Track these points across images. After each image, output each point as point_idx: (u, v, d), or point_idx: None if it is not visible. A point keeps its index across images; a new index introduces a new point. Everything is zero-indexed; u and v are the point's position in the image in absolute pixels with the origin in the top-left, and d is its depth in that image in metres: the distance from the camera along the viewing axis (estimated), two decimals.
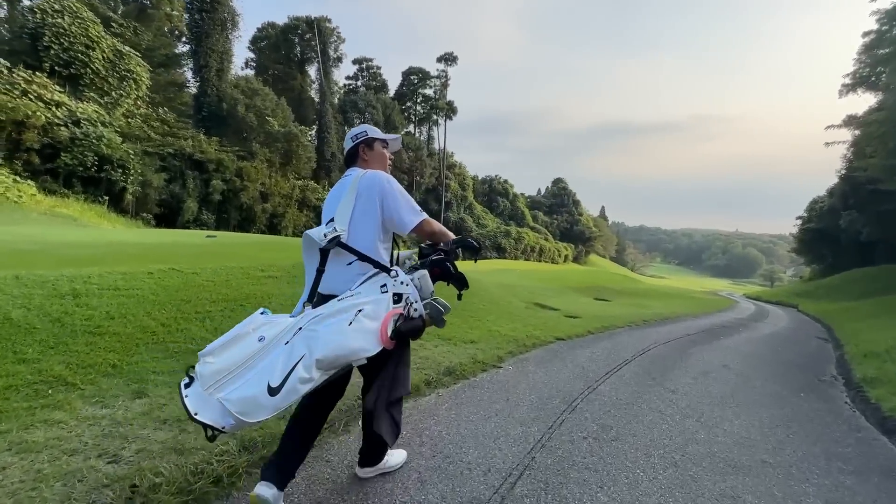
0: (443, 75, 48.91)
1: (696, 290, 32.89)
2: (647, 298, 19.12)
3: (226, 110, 22.61)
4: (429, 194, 49.56)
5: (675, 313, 11.01)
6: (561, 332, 6.30)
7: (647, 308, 13.77)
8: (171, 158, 19.37)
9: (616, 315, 9.20)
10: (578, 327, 6.84)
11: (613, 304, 14.80)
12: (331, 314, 1.57)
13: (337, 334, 1.51)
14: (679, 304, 15.33)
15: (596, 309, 10.77)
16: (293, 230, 23.77)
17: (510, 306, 8.13)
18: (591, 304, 12.95)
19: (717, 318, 11.11)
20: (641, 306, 14.08)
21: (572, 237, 74.64)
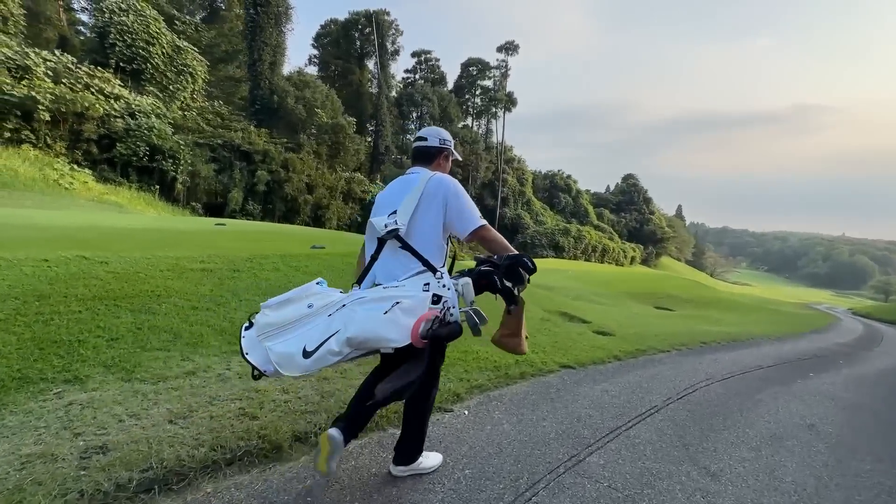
0: (503, 66, 47.06)
1: (785, 302, 28.37)
2: (719, 310, 16.36)
3: (276, 103, 22.98)
4: (485, 189, 48.06)
5: (750, 333, 8.78)
6: (574, 356, 4.79)
7: (714, 323, 11.46)
8: (221, 149, 19.89)
9: (666, 332, 7.35)
10: (602, 350, 5.26)
11: (673, 316, 12.57)
12: (372, 299, 1.66)
13: (371, 320, 1.59)
14: (758, 320, 12.70)
15: (644, 322, 8.90)
16: (337, 222, 23.65)
17: (533, 315, 6.67)
18: (643, 316, 10.95)
19: (807, 341, 8.69)
20: (708, 320, 11.77)
21: (642, 237, 69.18)
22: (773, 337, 8.80)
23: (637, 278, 24.08)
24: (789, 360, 6.49)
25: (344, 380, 3.10)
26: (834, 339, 9.72)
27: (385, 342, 1.59)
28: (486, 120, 50.52)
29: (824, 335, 10.48)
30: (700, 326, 9.91)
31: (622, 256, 52.78)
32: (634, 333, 6.75)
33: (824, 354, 7.40)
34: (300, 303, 1.68)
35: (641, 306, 16.82)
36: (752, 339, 8.00)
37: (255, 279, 4.76)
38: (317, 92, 23.79)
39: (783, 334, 9.46)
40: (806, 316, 16.08)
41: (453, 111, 42.52)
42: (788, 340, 8.58)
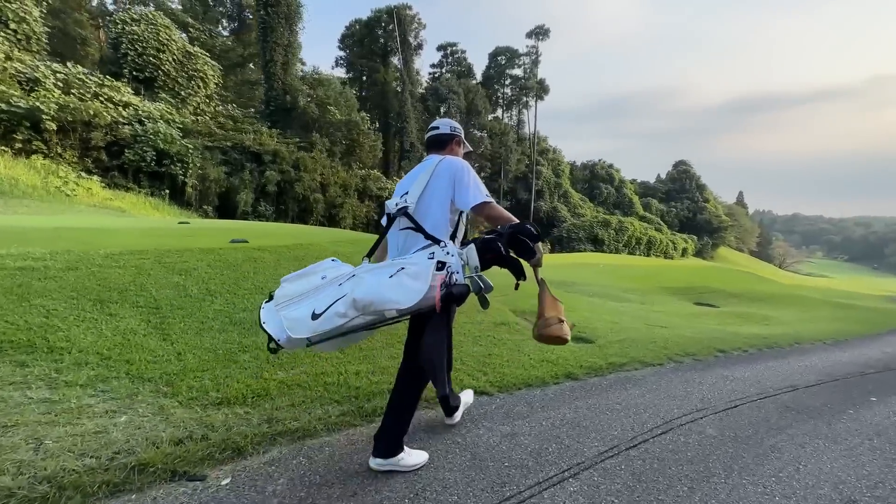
0: (533, 52, 44.86)
1: (864, 295, 24.40)
2: (772, 306, 13.89)
3: (290, 103, 22.76)
4: (518, 183, 46.14)
5: (798, 335, 6.81)
6: (500, 376, 3.44)
7: (758, 322, 9.40)
8: (232, 152, 19.81)
9: (676, 338, 5.70)
10: (553, 366, 3.83)
11: (709, 314, 10.54)
12: (379, 267, 1.79)
13: (376, 284, 1.69)
14: (818, 318, 10.40)
15: (659, 324, 7.20)
16: (353, 221, 23.04)
17: (487, 318, 5.31)
18: (669, 315, 9.13)
19: (880, 346, 6.56)
20: (751, 319, 9.71)
21: (695, 228, 64.03)
22: (832, 340, 6.79)
23: (678, 271, 21.52)
24: (844, 375, 4.67)
25: None
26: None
27: (391, 304, 1.65)
28: (518, 110, 48.51)
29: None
30: (733, 327, 8.01)
31: (671, 248, 48.76)
32: (624, 340, 5.19)
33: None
34: (314, 276, 1.86)
35: (682, 302, 14.69)
36: (798, 345, 6.11)
37: None
38: (330, 89, 23.35)
39: (847, 336, 7.36)
40: (887, 312, 13.25)
41: (481, 103, 40.98)
42: (852, 345, 6.56)
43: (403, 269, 1.70)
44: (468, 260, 1.80)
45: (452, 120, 2.21)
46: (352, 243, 7.60)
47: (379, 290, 1.65)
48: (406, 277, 1.68)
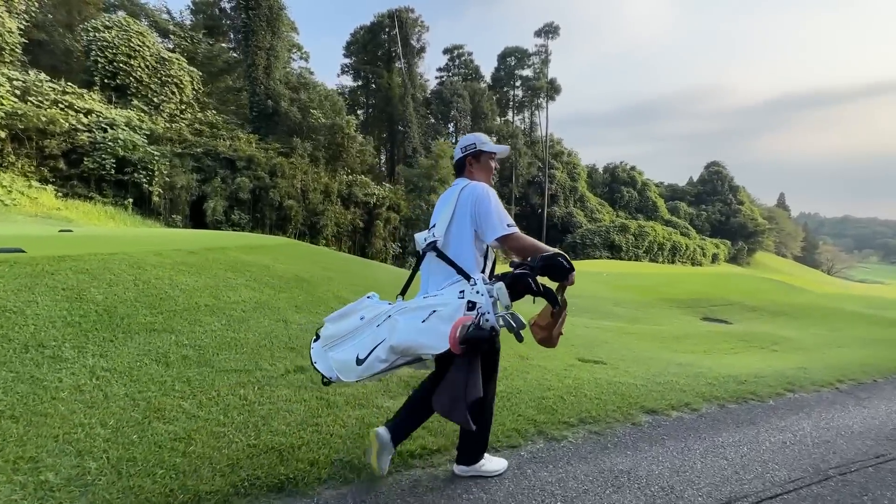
0: (542, 51, 42.86)
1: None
2: (796, 323, 11.47)
3: (272, 107, 21.89)
4: (530, 187, 44.02)
5: (801, 377, 4.74)
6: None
7: (768, 348, 7.28)
8: (205, 158, 18.99)
9: (617, 389, 3.85)
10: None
11: (707, 336, 8.39)
12: (412, 309, 1.82)
13: (411, 329, 1.74)
14: (852, 340, 8.07)
15: (633, 354, 5.29)
16: (336, 228, 21.78)
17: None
18: (650, 340, 7.12)
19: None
20: (760, 344, 7.55)
21: (728, 232, 59.69)
22: (851, 383, 4.70)
23: (694, 280, 19.00)
24: (845, 465, 2.73)
25: None
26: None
27: (425, 349, 1.71)
28: (530, 112, 46.50)
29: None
30: (718, 358, 5.96)
31: (700, 254, 45.18)
32: (518, 400, 3.41)
33: None
34: (354, 316, 1.95)
35: (681, 318, 12.45)
36: (790, 394, 4.08)
37: None
38: (314, 93, 22.35)
39: (876, 374, 5.20)
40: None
41: (487, 106, 39.35)
42: (879, 391, 4.44)
43: (435, 312, 1.74)
44: (499, 297, 1.76)
45: (466, 137, 2.16)
46: (253, 250, 6.14)
47: (414, 336, 1.72)
48: (438, 321, 1.71)
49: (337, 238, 22.22)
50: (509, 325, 1.72)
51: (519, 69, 43.83)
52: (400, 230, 24.42)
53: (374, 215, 22.90)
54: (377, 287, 6.81)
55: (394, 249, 24.20)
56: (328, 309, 4.92)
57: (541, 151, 44.25)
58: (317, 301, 4.94)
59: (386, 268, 9.42)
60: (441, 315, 1.71)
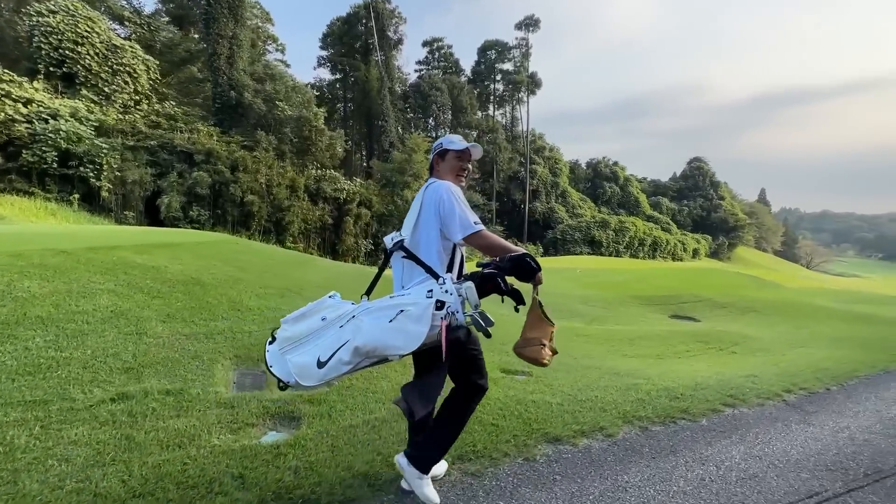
0: (523, 44, 42.27)
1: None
2: (764, 319, 11.13)
3: (235, 99, 20.93)
4: (511, 182, 43.55)
5: (759, 387, 4.28)
6: None
7: (727, 350, 6.84)
8: (161, 152, 18.03)
9: (538, 400, 3.30)
10: None
11: (667, 338, 7.92)
12: (378, 309, 1.75)
13: (377, 329, 1.68)
14: (813, 340, 7.66)
15: (575, 361, 4.82)
16: (303, 225, 20.99)
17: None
18: (600, 343, 6.60)
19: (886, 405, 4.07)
20: (721, 344, 7.11)
21: (709, 227, 60.13)
22: (814, 389, 4.25)
23: (668, 276, 18.70)
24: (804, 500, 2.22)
25: None
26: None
27: (392, 350, 1.67)
28: (511, 107, 45.96)
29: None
30: (669, 365, 5.46)
31: (680, 250, 45.27)
32: None
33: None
34: (314, 316, 1.82)
35: (649, 316, 12.05)
36: (744, 408, 3.58)
37: None
38: (280, 84, 21.45)
39: (838, 378, 4.77)
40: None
41: (466, 100, 38.67)
42: (833, 403, 3.98)
43: (403, 312, 1.70)
44: (467, 297, 1.76)
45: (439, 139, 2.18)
46: (154, 248, 5.43)
47: (380, 337, 1.67)
48: (406, 321, 1.68)
49: (305, 235, 21.44)
50: (478, 324, 1.73)
51: (499, 63, 43.19)
52: (372, 226, 23.71)
53: (345, 211, 22.15)
54: (300, 288, 6.19)
55: (366, 246, 23.50)
56: (210, 316, 4.28)
57: (522, 146, 43.77)
58: (201, 307, 4.30)
59: (324, 266, 8.73)
60: (409, 315, 1.69)
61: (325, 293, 1.96)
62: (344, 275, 7.90)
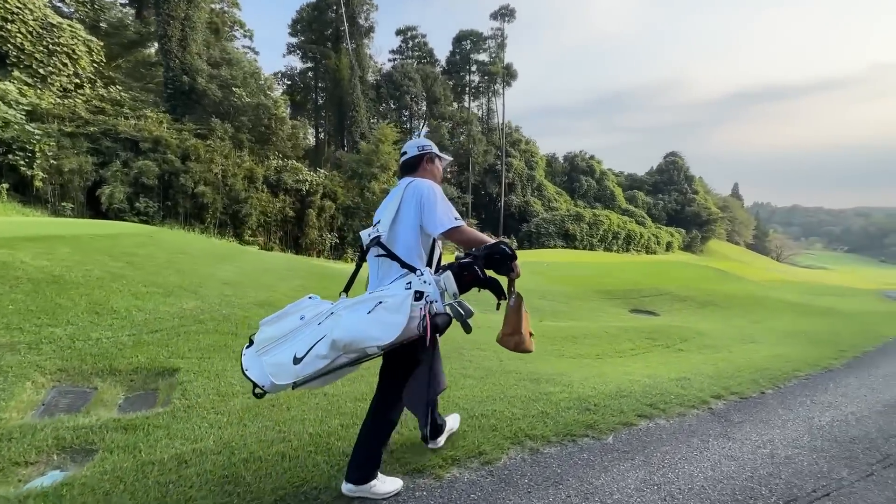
0: (498, 34, 41.64)
1: (859, 290, 21.31)
2: (722, 313, 10.96)
3: (188, 84, 19.78)
4: (487, 175, 43.07)
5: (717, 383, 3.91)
6: None
7: (675, 347, 6.50)
8: (104, 139, 16.88)
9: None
10: None
11: (629, 330, 7.54)
12: (356, 303, 1.74)
13: (355, 321, 1.64)
14: (766, 335, 7.39)
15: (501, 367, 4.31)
16: (263, 217, 20.09)
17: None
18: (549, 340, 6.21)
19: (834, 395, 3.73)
20: (670, 340, 6.75)
21: (683, 221, 60.95)
22: (747, 394, 3.87)
23: (632, 269, 18.54)
24: None
25: None
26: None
27: (371, 341, 1.62)
28: (487, 99, 45.38)
29: (888, 370, 5.23)
30: (604, 367, 5.03)
31: (654, 243, 45.68)
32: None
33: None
34: (293, 316, 1.79)
35: (609, 311, 11.75)
36: (662, 419, 3.15)
37: None
38: (236, 69, 20.36)
39: (787, 377, 4.43)
40: (868, 317, 10.25)
41: (440, 91, 37.92)
42: (759, 410, 3.59)
43: (381, 304, 1.68)
44: (446, 287, 1.77)
45: (421, 139, 2.18)
46: (26, 241, 4.59)
47: (359, 328, 1.63)
48: (385, 312, 1.65)
49: (265, 229, 20.54)
50: (457, 313, 1.73)
51: (475, 53, 42.49)
52: (338, 219, 22.92)
53: (307, 203, 21.30)
54: (199, 286, 5.49)
55: (331, 240, 22.72)
56: (49, 321, 3.62)
57: (498, 139, 43.31)
58: (41, 311, 3.64)
59: (253, 259, 7.99)
60: (388, 306, 1.67)
61: (225, 289, 1.72)
62: (269, 270, 7.25)
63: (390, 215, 1.91)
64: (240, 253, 8.50)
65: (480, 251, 1.84)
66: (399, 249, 1.89)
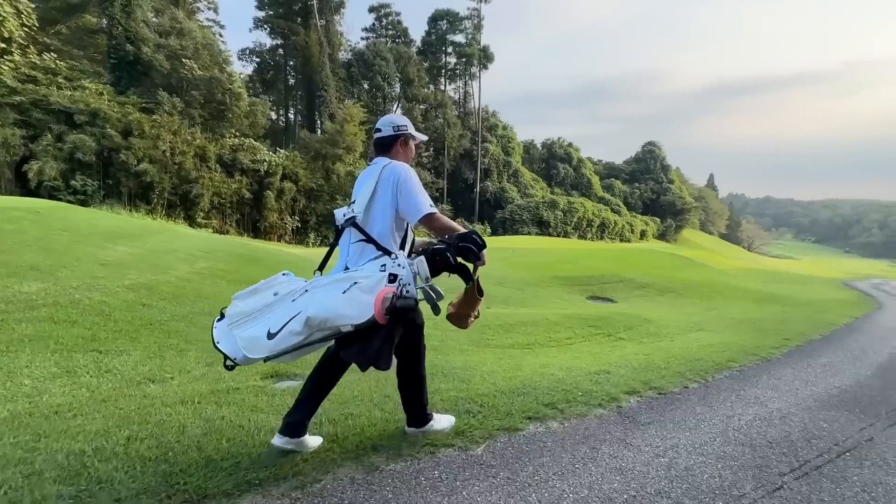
0: (475, 15, 40.54)
1: (820, 279, 21.63)
2: (679, 300, 10.72)
3: (132, 53, 18.36)
4: (462, 161, 42.34)
5: (638, 376, 3.47)
6: None
7: (614, 336, 6.09)
8: (34, 110, 15.52)
9: None
10: None
11: (572, 318, 7.08)
12: (331, 281, 1.77)
13: (330, 299, 1.67)
14: (717, 324, 7.07)
15: None
16: (217, 199, 19.01)
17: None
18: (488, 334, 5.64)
19: (764, 391, 3.37)
20: (614, 329, 6.34)
21: (659, 209, 61.59)
22: (668, 388, 3.43)
23: (597, 256, 18.30)
24: None
25: None
26: (853, 375, 4.19)
27: (344, 319, 1.64)
28: (464, 82, 44.39)
29: (829, 359, 4.92)
30: (527, 358, 4.54)
31: (628, 231, 45.94)
32: None
33: None
34: (266, 292, 1.81)
35: (565, 298, 11.39)
36: (556, 421, 2.66)
37: None
38: (187, 39, 18.95)
39: (718, 368, 4.03)
40: (822, 305, 10.12)
41: (413, 71, 36.78)
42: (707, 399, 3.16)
43: (356, 284, 1.71)
44: (419, 271, 1.83)
45: (396, 116, 2.21)
46: None
47: (333, 307, 1.65)
48: (359, 292, 1.68)
49: (219, 211, 19.49)
50: (429, 297, 1.81)
51: (451, 34, 41.32)
52: (300, 202, 21.97)
53: (265, 185, 20.28)
54: (59, 269, 4.68)
55: (292, 223, 21.79)
56: None
57: (475, 124, 42.51)
58: None
59: (162, 236, 7.15)
60: (362, 286, 1.70)
61: (98, 271, 1.46)
62: (174, 251, 6.50)
63: (366, 196, 1.93)
64: (150, 232, 7.69)
65: (453, 239, 1.89)
66: (374, 231, 1.92)
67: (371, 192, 1.94)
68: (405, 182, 1.93)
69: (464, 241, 1.88)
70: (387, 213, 1.93)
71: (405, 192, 1.91)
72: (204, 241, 8.37)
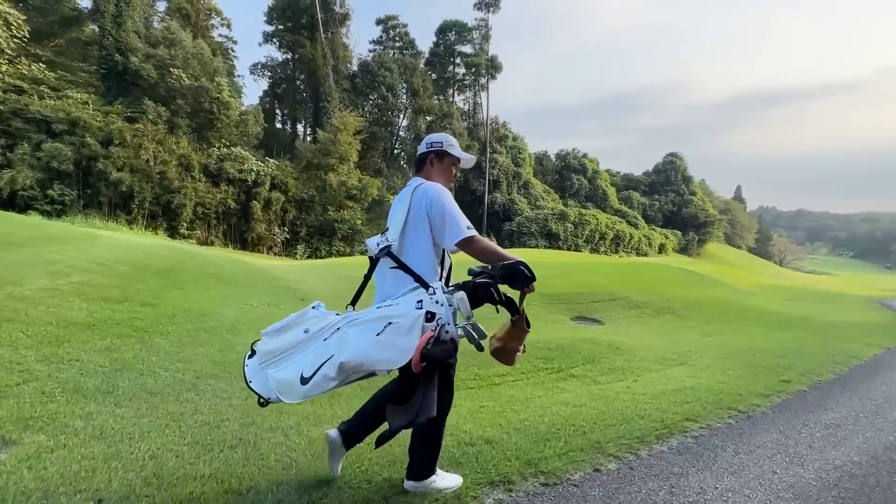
0: (482, 26, 39.93)
1: (851, 297, 19.42)
2: (675, 324, 9.23)
3: (121, 64, 18.25)
4: (471, 171, 41.28)
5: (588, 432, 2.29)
6: None
7: (590, 365, 4.84)
8: (14, 120, 15.37)
9: None
10: None
11: (538, 342, 5.91)
12: (364, 321, 1.66)
13: (364, 343, 1.58)
14: (705, 359, 5.69)
15: None
16: (201, 209, 18.51)
17: None
18: None
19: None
20: (586, 362, 5.08)
21: (680, 222, 59.00)
22: (566, 473, 2.22)
23: (597, 271, 16.78)
24: None
25: None
26: (866, 444, 2.86)
27: (381, 365, 1.58)
28: (474, 93, 43.70)
29: (837, 414, 3.55)
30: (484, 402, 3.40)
31: (646, 245, 43.77)
32: None
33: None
34: (297, 328, 1.72)
35: (551, 317, 10.06)
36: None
37: None
38: (176, 49, 18.76)
39: (660, 436, 2.77)
40: (847, 330, 8.48)
41: (419, 82, 36.27)
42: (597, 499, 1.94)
43: (391, 325, 1.60)
44: (460, 307, 1.69)
45: (438, 134, 2.08)
46: None
47: (367, 351, 1.56)
48: (395, 335, 1.58)
49: (204, 222, 18.97)
50: (470, 336, 1.69)
51: (459, 45, 40.81)
52: (290, 213, 21.32)
53: (252, 195, 19.71)
54: None
55: (282, 235, 21.11)
56: None
57: (483, 135, 41.61)
58: None
59: (91, 242, 6.26)
60: (397, 328, 1.60)
61: None
62: (92, 260, 5.61)
63: (399, 223, 1.84)
64: (81, 238, 6.90)
65: (496, 271, 1.73)
66: (409, 260, 1.81)
67: (404, 218, 1.83)
68: (437, 204, 1.81)
69: (508, 272, 1.70)
70: (422, 240, 1.83)
71: (438, 216, 1.80)
72: (131, 249, 7.48)
